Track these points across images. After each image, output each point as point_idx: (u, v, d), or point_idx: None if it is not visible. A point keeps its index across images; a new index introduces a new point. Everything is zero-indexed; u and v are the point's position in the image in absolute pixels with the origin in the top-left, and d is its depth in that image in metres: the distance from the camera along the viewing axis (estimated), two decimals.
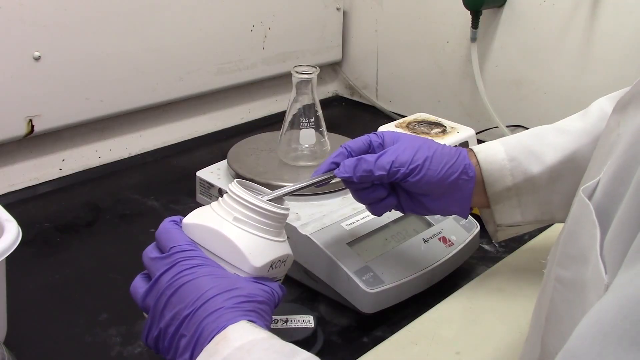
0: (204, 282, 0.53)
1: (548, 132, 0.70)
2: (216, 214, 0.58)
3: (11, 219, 0.65)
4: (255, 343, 0.48)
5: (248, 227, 0.57)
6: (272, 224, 0.59)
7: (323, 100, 1.46)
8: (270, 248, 0.58)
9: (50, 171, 1.09)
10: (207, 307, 0.51)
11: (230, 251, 0.56)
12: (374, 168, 0.65)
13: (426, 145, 0.67)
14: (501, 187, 0.69)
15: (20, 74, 0.99)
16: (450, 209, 0.70)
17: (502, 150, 0.69)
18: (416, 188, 0.67)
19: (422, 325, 0.73)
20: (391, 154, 0.66)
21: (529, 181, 0.68)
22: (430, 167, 0.66)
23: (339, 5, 1.43)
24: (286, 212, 0.60)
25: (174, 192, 1.04)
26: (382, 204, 0.70)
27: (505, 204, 0.70)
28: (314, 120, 0.84)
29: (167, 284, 0.53)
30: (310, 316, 0.68)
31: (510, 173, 0.68)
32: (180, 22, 1.16)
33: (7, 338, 0.68)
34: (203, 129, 1.29)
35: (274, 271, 0.59)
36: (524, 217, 0.71)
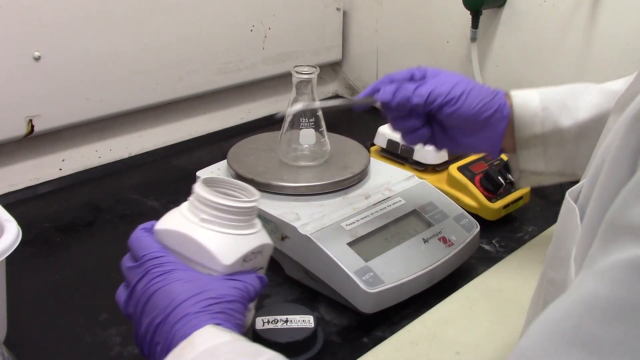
0: (174, 288, 0.54)
1: (587, 90, 0.72)
2: (184, 216, 0.59)
3: (11, 219, 0.65)
4: (219, 346, 0.49)
5: (215, 226, 0.58)
6: (240, 219, 0.58)
7: (323, 100, 1.45)
8: (241, 243, 0.58)
9: (50, 171, 1.09)
10: (176, 314, 0.52)
11: (200, 252, 0.57)
12: (412, 95, 0.68)
13: (465, 81, 0.70)
14: (529, 133, 0.71)
15: (20, 74, 0.99)
16: (481, 146, 0.73)
17: (537, 99, 0.71)
18: (450, 120, 0.70)
19: (422, 325, 0.73)
20: (430, 85, 0.69)
21: (557, 133, 0.70)
22: (466, 100, 0.68)
23: (339, 5, 1.43)
24: (253, 204, 0.59)
25: (174, 192, 1.04)
26: (416, 134, 0.73)
27: (530, 150, 0.72)
28: (314, 120, 0.84)
29: (141, 293, 0.55)
30: (310, 316, 0.68)
31: (541, 121, 0.70)
32: (180, 22, 1.16)
33: (7, 338, 0.68)
34: (203, 129, 1.29)
35: (249, 264, 0.59)
36: (547, 167, 0.72)
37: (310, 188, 0.82)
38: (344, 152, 0.89)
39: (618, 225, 0.33)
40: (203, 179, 0.60)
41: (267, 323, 0.67)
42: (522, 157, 0.73)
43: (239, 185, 0.63)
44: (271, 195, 0.81)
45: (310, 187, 0.82)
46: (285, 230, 0.77)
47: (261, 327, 0.66)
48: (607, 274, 0.32)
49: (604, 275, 0.32)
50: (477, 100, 0.69)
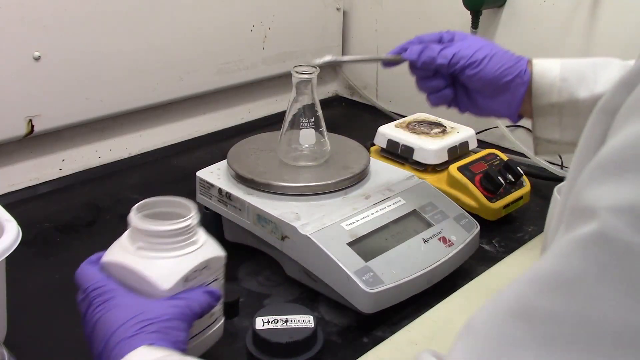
0: (112, 315, 0.55)
1: (610, 64, 0.73)
2: (122, 247, 0.60)
3: (11, 219, 0.65)
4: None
5: (151, 252, 0.59)
6: (176, 240, 0.59)
7: (323, 100, 1.45)
8: (178, 265, 0.59)
9: (50, 171, 1.09)
10: (113, 340, 0.53)
11: (139, 281, 0.58)
12: (437, 56, 0.73)
13: (490, 46, 0.74)
14: (546, 101, 0.73)
15: (20, 74, 0.99)
16: (500, 109, 0.76)
17: (557, 69, 0.73)
18: (472, 83, 0.74)
19: (422, 325, 0.73)
20: (455, 47, 0.74)
21: (572, 103, 0.72)
22: (488, 64, 0.73)
23: (339, 5, 1.43)
24: (186, 224, 0.60)
25: (174, 192, 1.03)
26: (440, 94, 0.77)
27: (547, 118, 0.74)
28: (314, 120, 0.84)
29: (88, 323, 0.57)
30: (310, 316, 0.68)
31: (558, 91, 0.72)
32: (180, 22, 1.16)
33: (7, 338, 0.68)
34: (203, 129, 1.29)
35: (195, 281, 0.60)
36: (562, 136, 0.74)
37: (310, 188, 0.82)
38: (344, 152, 0.89)
39: (573, 208, 0.35)
40: (137, 204, 0.62)
41: (267, 323, 0.67)
42: (538, 124, 0.75)
43: (176, 202, 0.64)
44: (271, 195, 0.81)
45: (310, 187, 0.82)
46: (285, 230, 0.77)
47: (261, 327, 0.66)
48: (553, 251, 0.34)
49: (551, 252, 0.34)
50: (499, 64, 0.73)
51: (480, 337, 0.36)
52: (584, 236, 0.32)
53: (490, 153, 1.00)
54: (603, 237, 0.31)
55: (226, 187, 0.84)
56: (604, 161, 0.33)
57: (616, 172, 0.32)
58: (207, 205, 0.88)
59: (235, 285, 0.81)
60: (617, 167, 0.32)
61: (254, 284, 0.82)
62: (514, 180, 0.94)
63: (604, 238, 0.31)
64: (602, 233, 0.31)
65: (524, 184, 0.97)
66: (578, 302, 0.32)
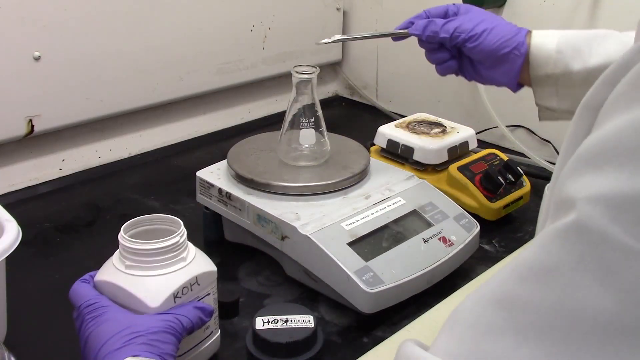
0: (102, 330, 0.56)
1: (608, 37, 0.75)
2: (113, 266, 0.61)
3: (11, 219, 0.65)
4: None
5: (140, 271, 0.60)
6: (164, 257, 0.60)
7: (323, 100, 1.46)
8: (167, 283, 0.60)
9: (50, 171, 1.09)
10: (101, 353, 0.55)
11: (129, 299, 0.59)
12: (439, 30, 0.78)
13: (491, 19, 0.78)
14: (543, 72, 0.77)
15: (20, 74, 0.99)
16: (500, 79, 0.81)
17: (554, 42, 0.76)
18: (474, 54, 0.79)
19: (422, 325, 0.73)
20: (457, 22, 0.78)
21: (566, 75, 0.75)
22: (487, 37, 0.77)
23: (339, 5, 1.43)
24: (174, 241, 0.61)
25: (174, 192, 1.04)
26: (445, 65, 0.82)
27: (544, 88, 0.78)
28: (314, 120, 0.84)
29: (81, 339, 0.58)
30: (310, 316, 0.68)
31: (554, 63, 0.76)
32: (180, 22, 1.16)
33: (7, 338, 0.68)
34: (203, 129, 1.29)
35: (185, 297, 0.61)
36: (559, 104, 0.78)
37: (311, 188, 0.82)
38: (344, 152, 0.89)
39: (556, 200, 0.35)
40: (126, 224, 0.63)
41: (267, 323, 0.67)
42: (537, 93, 0.80)
43: (165, 218, 0.65)
44: (271, 195, 0.81)
45: (310, 187, 0.82)
46: (285, 230, 0.77)
47: (261, 327, 0.66)
48: (535, 241, 0.35)
49: (533, 242, 0.35)
50: (498, 37, 0.77)
51: (462, 324, 0.36)
52: (563, 226, 0.33)
53: (490, 153, 1.00)
54: (580, 226, 0.32)
55: (226, 187, 0.84)
56: (585, 153, 0.34)
57: (595, 164, 0.33)
58: (207, 205, 0.88)
59: (235, 285, 0.81)
60: (596, 159, 0.33)
61: (254, 284, 0.82)
62: (514, 180, 0.94)
63: (581, 228, 0.32)
64: (579, 223, 0.32)
65: (524, 184, 0.97)
66: (555, 290, 0.32)
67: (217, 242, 0.89)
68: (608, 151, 0.33)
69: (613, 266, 0.31)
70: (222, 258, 0.85)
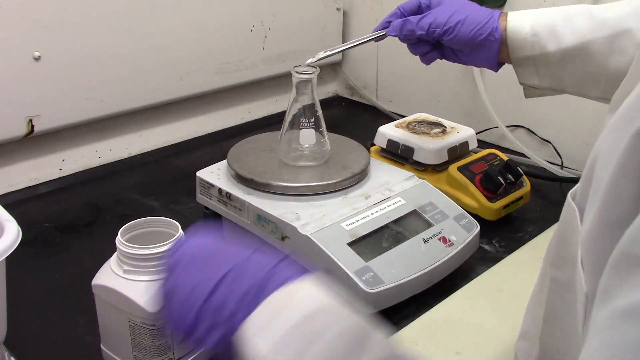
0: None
1: (580, 14, 0.76)
2: (111, 270, 0.61)
3: (11, 219, 0.65)
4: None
5: (138, 275, 0.60)
6: (162, 262, 0.59)
7: (323, 100, 1.46)
8: None
9: (50, 171, 1.09)
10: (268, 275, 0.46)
11: (127, 303, 0.59)
12: (415, 28, 0.81)
13: (462, 9, 0.80)
14: (521, 54, 0.79)
15: (20, 74, 0.99)
16: (481, 63, 0.83)
17: (529, 25, 0.78)
18: (451, 45, 0.81)
19: (422, 325, 0.73)
20: (430, 17, 0.80)
21: (544, 56, 0.77)
22: (461, 29, 0.79)
23: (339, 5, 1.43)
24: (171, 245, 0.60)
25: (174, 192, 1.04)
26: (427, 57, 0.85)
27: (525, 68, 0.80)
28: (314, 120, 0.84)
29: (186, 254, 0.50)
30: None
31: (530, 45, 0.77)
32: (180, 22, 1.16)
33: (7, 338, 0.68)
34: (203, 129, 1.29)
35: None
36: (541, 82, 0.80)
37: (310, 188, 0.82)
38: (344, 152, 0.89)
39: (634, 256, 0.31)
40: (123, 227, 0.63)
41: None
42: (519, 72, 0.81)
43: (163, 221, 0.64)
44: (271, 195, 0.81)
45: (310, 187, 0.82)
46: (285, 230, 0.77)
47: None
48: (633, 314, 0.30)
49: (631, 316, 0.30)
50: (472, 27, 0.79)
51: None
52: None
53: (490, 153, 1.00)
54: None
55: (226, 187, 0.84)
56: None
57: None
58: (207, 205, 0.88)
59: None
60: None
61: None
62: (514, 180, 0.94)
63: None
64: None
65: (524, 184, 0.97)
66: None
67: None
68: None
69: None
70: None
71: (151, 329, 0.60)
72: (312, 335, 0.41)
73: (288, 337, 0.41)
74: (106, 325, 0.64)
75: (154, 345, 0.61)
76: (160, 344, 0.61)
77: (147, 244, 0.60)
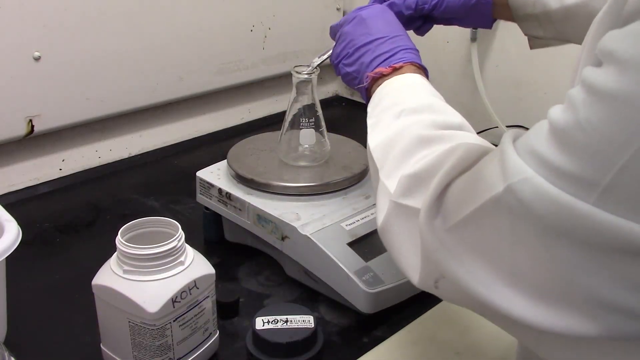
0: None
1: None
2: (111, 270, 0.61)
3: (11, 219, 0.66)
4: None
5: (138, 276, 0.60)
6: (162, 262, 0.60)
7: (323, 100, 1.46)
8: (165, 288, 0.60)
9: (50, 171, 1.09)
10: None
11: (127, 304, 0.59)
12: (403, 9, 0.79)
13: None
14: (523, 12, 0.79)
15: (20, 74, 0.99)
16: (475, 24, 0.84)
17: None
18: (444, 15, 0.81)
19: (422, 325, 0.73)
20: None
21: (546, 14, 0.78)
22: (449, 0, 0.79)
23: (339, 5, 1.43)
24: (171, 246, 0.61)
25: (174, 192, 1.04)
26: (421, 30, 0.84)
27: (528, 23, 0.80)
28: (314, 120, 0.84)
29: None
30: (310, 316, 0.68)
31: (532, 4, 0.78)
32: (180, 22, 1.16)
33: (7, 338, 0.68)
34: (203, 129, 1.29)
35: (185, 300, 0.61)
36: (545, 34, 0.80)
37: (311, 188, 0.82)
38: (344, 152, 0.89)
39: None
40: (123, 227, 0.63)
41: (267, 323, 0.67)
42: (522, 26, 0.81)
43: (163, 221, 0.65)
44: (271, 195, 0.81)
45: (310, 187, 0.82)
46: (285, 230, 0.77)
47: (261, 327, 0.66)
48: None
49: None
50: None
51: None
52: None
53: None
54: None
55: (226, 187, 0.84)
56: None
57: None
58: (207, 205, 0.88)
59: (235, 286, 0.81)
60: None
61: (254, 284, 0.82)
62: None
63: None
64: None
65: None
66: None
67: (217, 242, 0.89)
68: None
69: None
70: (222, 258, 0.85)
71: (151, 329, 0.60)
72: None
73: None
74: (106, 325, 0.64)
75: (154, 345, 0.61)
76: (160, 344, 0.61)
77: (147, 244, 0.60)
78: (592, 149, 0.35)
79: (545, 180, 0.37)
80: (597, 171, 0.34)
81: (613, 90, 0.34)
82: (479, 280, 0.42)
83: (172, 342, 0.62)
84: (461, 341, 0.70)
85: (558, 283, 0.37)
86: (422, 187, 0.49)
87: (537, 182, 0.37)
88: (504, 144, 0.41)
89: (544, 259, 0.38)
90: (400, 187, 0.51)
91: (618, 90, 0.34)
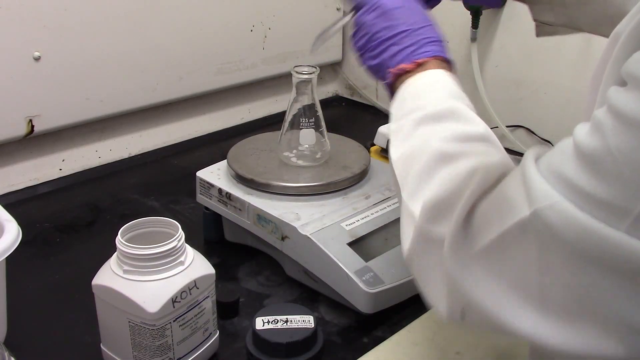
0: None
1: None
2: (111, 270, 0.61)
3: (11, 219, 0.66)
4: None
5: (138, 276, 0.60)
6: (161, 262, 0.60)
7: (323, 100, 1.46)
8: (165, 288, 0.60)
9: (50, 171, 1.09)
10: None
11: (127, 304, 0.59)
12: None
13: None
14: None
15: (20, 74, 0.99)
16: (486, 2, 0.87)
17: None
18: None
19: (422, 325, 0.73)
20: None
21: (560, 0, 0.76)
22: None
23: (339, 5, 1.42)
24: (171, 246, 0.61)
25: (174, 192, 1.04)
26: (429, 4, 0.85)
27: (540, 6, 0.78)
28: (314, 120, 0.84)
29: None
30: (310, 316, 0.68)
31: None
32: (180, 22, 1.16)
33: (7, 338, 0.68)
34: (203, 129, 1.29)
35: (185, 300, 0.61)
36: (556, 20, 0.78)
37: (310, 188, 0.82)
38: (344, 152, 0.89)
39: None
40: (123, 227, 0.63)
41: (267, 323, 0.67)
42: (534, 10, 0.80)
43: (163, 221, 0.65)
44: (271, 195, 0.81)
45: (310, 187, 0.82)
46: (285, 230, 0.77)
47: (261, 327, 0.66)
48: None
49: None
50: None
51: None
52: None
53: None
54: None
55: (226, 187, 0.84)
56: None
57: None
58: (207, 205, 0.88)
59: (235, 285, 0.81)
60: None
61: (254, 284, 0.82)
62: None
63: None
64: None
65: None
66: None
67: (217, 242, 0.89)
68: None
69: None
70: (222, 258, 0.85)
71: (151, 329, 0.60)
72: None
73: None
74: (106, 325, 0.64)
75: (154, 345, 0.61)
76: (160, 344, 0.61)
77: (147, 244, 0.60)
78: (624, 176, 0.34)
79: (573, 205, 0.36)
80: (630, 199, 0.34)
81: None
82: (507, 307, 0.42)
83: (172, 342, 0.62)
84: (461, 341, 0.70)
85: (588, 308, 0.37)
86: (447, 213, 0.48)
87: (565, 207, 0.36)
88: (527, 164, 0.40)
89: (574, 284, 0.37)
90: (424, 213, 0.50)
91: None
